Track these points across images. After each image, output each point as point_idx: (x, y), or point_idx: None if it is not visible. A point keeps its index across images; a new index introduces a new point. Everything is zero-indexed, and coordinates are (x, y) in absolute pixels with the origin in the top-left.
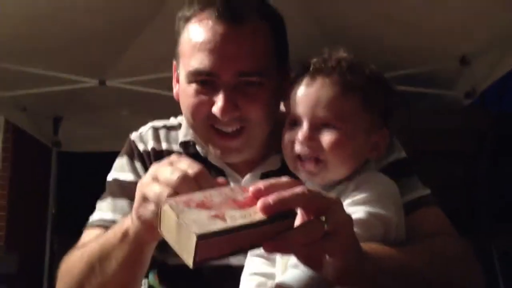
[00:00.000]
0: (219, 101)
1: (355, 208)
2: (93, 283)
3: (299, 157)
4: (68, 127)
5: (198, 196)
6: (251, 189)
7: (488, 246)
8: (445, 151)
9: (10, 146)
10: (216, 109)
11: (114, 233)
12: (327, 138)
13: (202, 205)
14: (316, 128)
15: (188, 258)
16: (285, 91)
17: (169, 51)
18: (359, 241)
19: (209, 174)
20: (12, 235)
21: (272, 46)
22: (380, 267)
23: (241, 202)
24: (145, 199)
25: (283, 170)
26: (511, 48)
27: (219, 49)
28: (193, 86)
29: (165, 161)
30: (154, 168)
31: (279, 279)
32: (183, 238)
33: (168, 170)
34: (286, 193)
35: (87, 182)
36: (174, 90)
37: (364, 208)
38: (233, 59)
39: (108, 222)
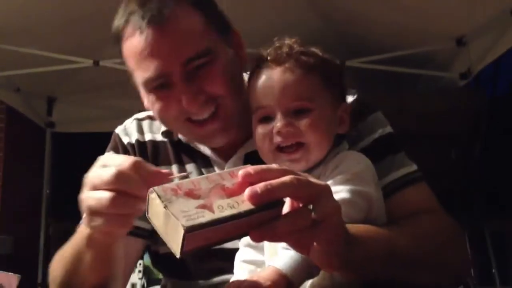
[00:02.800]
0: (182, 96)
1: (338, 187)
2: (73, 283)
3: (278, 148)
4: (62, 108)
5: (186, 183)
6: (240, 173)
7: (481, 227)
8: (439, 133)
9: (3, 127)
10: (184, 105)
11: (81, 238)
12: (303, 121)
13: (190, 194)
14: (288, 114)
15: (175, 248)
16: (242, 49)
17: None
18: (345, 220)
19: (146, 164)
20: (6, 217)
21: (206, 23)
22: (367, 251)
23: (230, 189)
24: (91, 211)
25: None
26: (507, 29)
27: (156, 50)
28: (153, 93)
29: (97, 164)
30: (89, 175)
31: (270, 263)
32: (170, 227)
33: (101, 172)
34: (275, 182)
35: (81, 163)
36: (145, 103)
37: (346, 186)
38: (174, 52)
39: None
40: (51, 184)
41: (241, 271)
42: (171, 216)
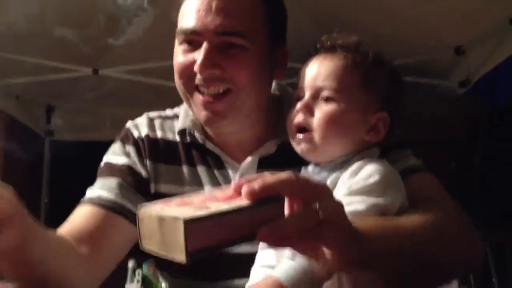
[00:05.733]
0: (198, 57)
1: (353, 198)
2: None
3: (296, 128)
4: (61, 116)
5: (176, 199)
6: (232, 185)
7: (481, 237)
8: (438, 141)
9: (2, 135)
10: (196, 66)
11: None
12: (321, 109)
13: (182, 204)
14: (315, 99)
15: (179, 253)
16: (282, 65)
17: (162, 40)
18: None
19: None
20: None
21: (262, 15)
22: (377, 249)
23: (223, 197)
24: None
25: (278, 153)
26: (506, 38)
27: (203, 8)
28: (181, 46)
29: None
30: None
31: (271, 272)
32: (168, 234)
33: None
34: (271, 178)
35: (79, 171)
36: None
37: (362, 198)
38: (214, 17)
39: (94, 198)
40: (49, 193)
41: (256, 276)
42: (167, 219)
